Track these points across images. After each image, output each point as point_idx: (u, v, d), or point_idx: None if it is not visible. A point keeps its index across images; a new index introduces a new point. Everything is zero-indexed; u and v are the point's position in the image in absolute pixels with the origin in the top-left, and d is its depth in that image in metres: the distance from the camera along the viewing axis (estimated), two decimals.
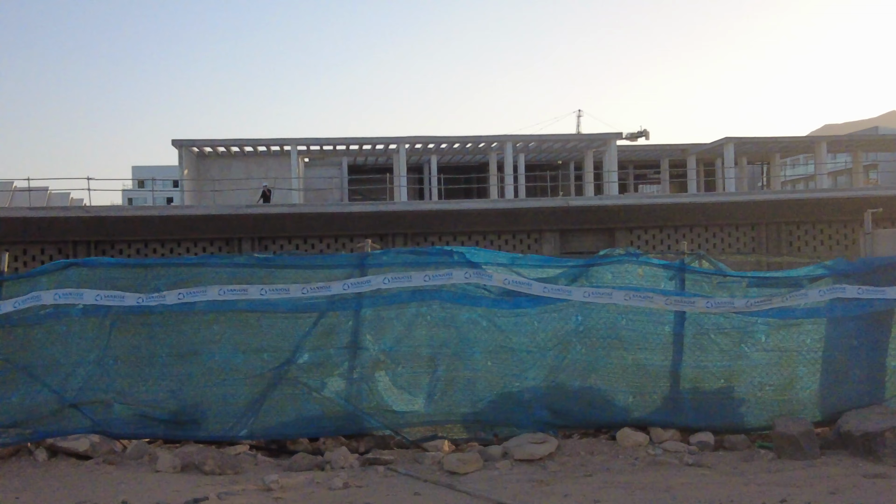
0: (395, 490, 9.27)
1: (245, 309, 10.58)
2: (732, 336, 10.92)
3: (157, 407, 10.53)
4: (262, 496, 9.01)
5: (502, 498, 8.86)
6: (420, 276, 10.63)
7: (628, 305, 10.80)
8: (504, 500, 8.81)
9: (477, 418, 10.74)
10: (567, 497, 8.97)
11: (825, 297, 10.90)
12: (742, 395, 10.85)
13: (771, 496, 8.81)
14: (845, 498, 8.71)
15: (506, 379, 10.79)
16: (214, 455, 9.96)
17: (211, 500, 8.79)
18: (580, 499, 8.92)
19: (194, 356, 10.61)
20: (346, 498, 9.09)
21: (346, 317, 10.74)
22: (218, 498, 8.86)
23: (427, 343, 10.79)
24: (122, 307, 10.48)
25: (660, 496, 8.94)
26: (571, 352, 10.86)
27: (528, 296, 10.75)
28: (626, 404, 10.86)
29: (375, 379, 10.71)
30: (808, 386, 10.91)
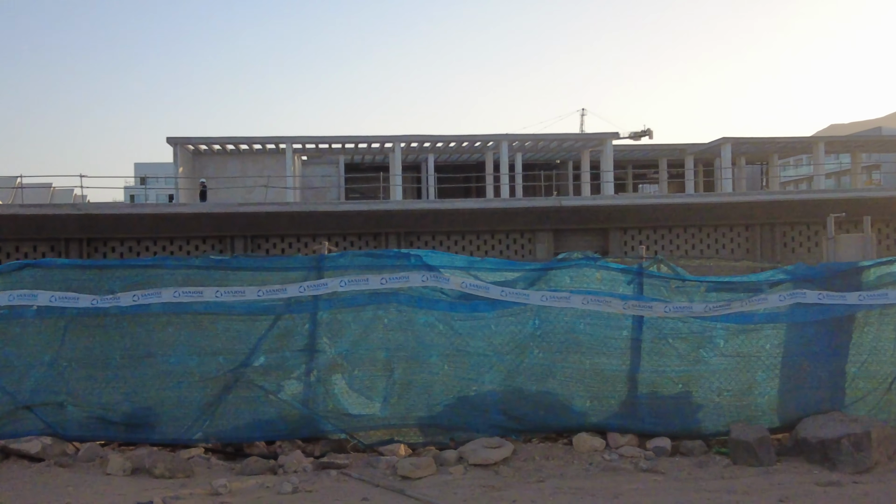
0: (344, 495, 9.22)
1: (200, 311, 10.54)
2: (691, 341, 10.84)
3: (111, 409, 10.47)
4: (209, 500, 8.97)
5: None
6: (377, 279, 10.58)
7: (586, 309, 10.75)
8: None
9: (433, 422, 10.67)
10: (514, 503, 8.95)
11: (785, 302, 10.84)
12: (700, 401, 10.79)
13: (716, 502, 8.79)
14: None
15: (462, 383, 10.74)
16: (165, 458, 9.92)
17: None
18: None
19: (149, 358, 10.54)
20: (293, 501, 9.07)
21: (302, 319, 10.69)
22: (163, 502, 8.82)
23: (384, 346, 10.72)
24: (77, 309, 10.44)
25: (609, 503, 8.91)
26: (529, 356, 10.78)
27: (485, 299, 10.71)
28: (583, 409, 10.79)
29: (332, 382, 10.67)
30: (767, 392, 10.85)
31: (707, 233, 40.21)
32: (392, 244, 38.82)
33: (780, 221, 38.01)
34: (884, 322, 10.80)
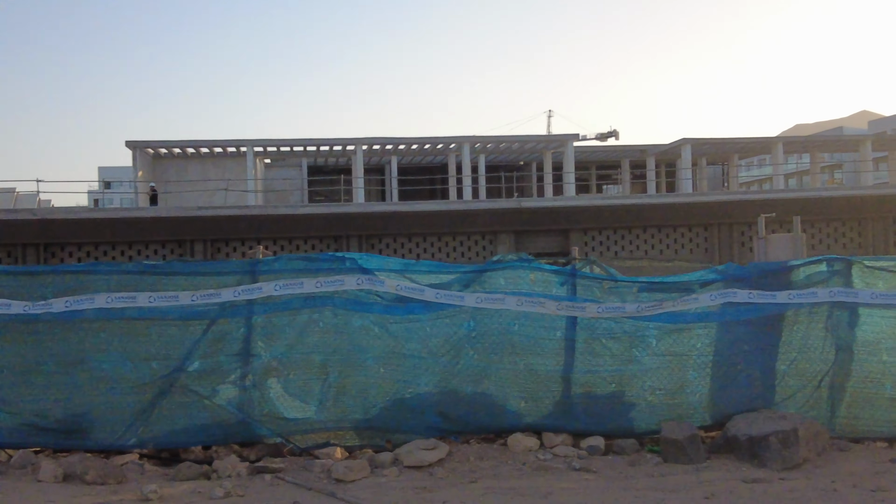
0: (276, 499, 9.22)
1: (134, 317, 10.44)
2: (623, 341, 10.91)
3: (44, 416, 10.40)
4: None
5: None
6: (312, 283, 10.57)
7: (520, 311, 10.78)
8: None
9: (370, 425, 10.67)
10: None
11: (716, 302, 10.95)
12: (633, 400, 10.87)
13: (646, 502, 8.88)
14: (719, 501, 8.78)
15: (398, 385, 10.74)
16: (97, 465, 9.88)
17: None
18: None
19: (82, 364, 10.45)
20: None
21: (237, 324, 10.64)
22: None
23: (319, 350, 10.69)
24: (8, 315, 10.33)
25: (538, 502, 8.98)
26: (464, 357, 10.81)
27: (420, 302, 10.73)
28: (518, 409, 10.84)
29: (267, 386, 10.63)
30: (699, 390, 10.95)
31: (667, 233, 40.46)
32: (354, 247, 38.81)
33: (738, 221, 38.31)
34: (813, 320, 10.93)
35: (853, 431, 10.79)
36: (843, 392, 10.85)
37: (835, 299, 10.89)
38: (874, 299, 10.86)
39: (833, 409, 10.83)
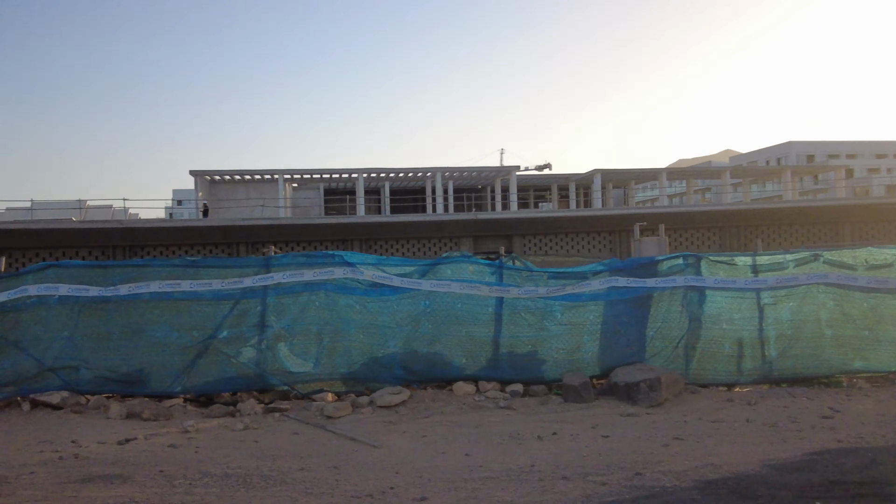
0: (281, 431, 9.21)
1: (179, 298, 10.42)
2: (537, 314, 10.90)
3: (113, 370, 10.33)
4: (179, 436, 8.90)
5: (356, 435, 8.83)
6: (310, 273, 10.54)
7: (462, 293, 10.77)
8: (357, 436, 8.78)
9: (353, 376, 10.61)
10: (404, 433, 8.97)
11: (604, 286, 10.95)
12: (543, 357, 10.83)
13: (548, 429, 8.89)
14: (600, 430, 8.80)
15: (373, 347, 10.69)
16: (151, 406, 9.85)
17: (139, 440, 8.68)
18: (413, 434, 8.93)
19: (140, 333, 10.41)
20: (243, 435, 9.02)
21: (255, 303, 10.58)
22: (145, 438, 8.75)
23: (315, 322, 10.64)
24: (87, 297, 10.31)
25: (471, 430, 8.97)
26: (421, 327, 10.78)
27: (390, 286, 10.69)
28: (461, 364, 10.80)
29: (277, 349, 10.57)
30: (590, 350, 10.91)
31: (582, 237, 40.79)
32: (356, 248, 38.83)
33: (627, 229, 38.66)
34: (672, 299, 10.95)
35: (701, 379, 10.79)
36: (694, 351, 10.85)
37: (688, 284, 10.90)
38: (716, 284, 10.91)
39: (687, 363, 10.82)
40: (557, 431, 8.73)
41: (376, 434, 8.94)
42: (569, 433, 8.67)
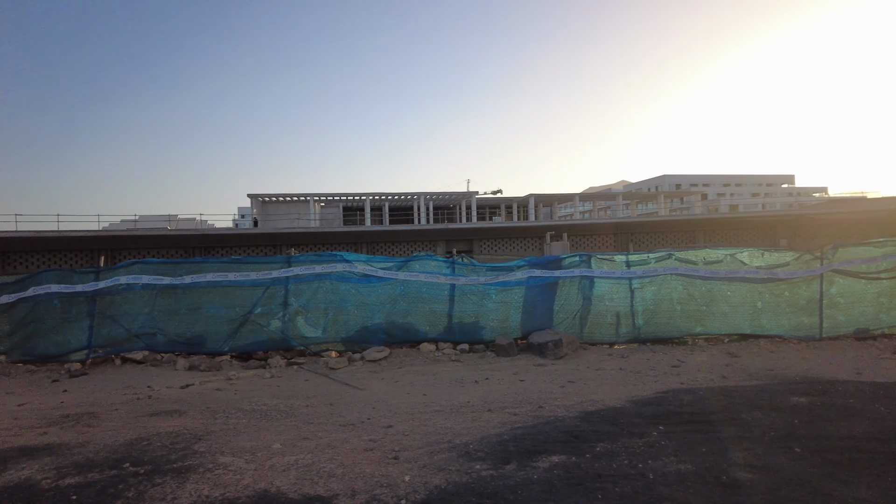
0: (297, 378, 9.07)
1: (227, 285, 10.24)
2: (479, 295, 10.81)
3: (180, 335, 10.15)
4: (224, 383, 8.75)
5: (349, 381, 8.72)
6: (319, 268, 10.41)
7: (427, 281, 10.68)
8: (349, 382, 8.68)
9: (350, 340, 10.49)
10: (383, 379, 8.87)
11: (525, 276, 10.90)
12: (483, 325, 10.74)
13: (483, 376, 8.81)
14: (519, 376, 8.74)
15: (364, 319, 10.55)
16: (206, 360, 9.72)
17: (195, 385, 8.53)
18: (389, 380, 8.82)
19: (200, 310, 10.22)
20: (269, 381, 8.86)
21: (280, 289, 10.42)
22: (199, 384, 8.60)
23: (323, 302, 10.49)
24: (162, 284, 10.12)
25: (430, 377, 8.88)
26: (398, 305, 10.66)
27: (376, 277, 10.59)
28: (425, 331, 10.67)
29: (296, 321, 10.41)
30: (516, 319, 10.86)
31: (519, 241, 40.66)
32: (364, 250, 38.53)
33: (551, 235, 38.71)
34: (572, 285, 10.89)
35: (592, 339, 10.79)
36: (586, 320, 10.84)
37: (583, 274, 10.89)
38: (602, 274, 10.90)
39: (582, 328, 10.80)
40: (489, 377, 8.67)
41: (363, 380, 8.84)
42: (497, 378, 8.62)
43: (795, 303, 10.58)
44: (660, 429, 5.90)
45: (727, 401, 6.92)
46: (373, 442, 5.91)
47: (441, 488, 4.65)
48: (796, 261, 10.62)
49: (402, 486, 4.71)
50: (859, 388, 7.35)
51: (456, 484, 4.71)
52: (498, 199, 66.54)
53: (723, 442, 5.48)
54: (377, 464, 5.25)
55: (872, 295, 10.63)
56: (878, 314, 10.62)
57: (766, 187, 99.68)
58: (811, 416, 6.19)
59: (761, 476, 4.63)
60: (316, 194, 52.37)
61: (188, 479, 4.91)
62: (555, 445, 5.49)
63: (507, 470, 4.94)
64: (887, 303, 10.63)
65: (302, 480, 4.93)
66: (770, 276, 10.51)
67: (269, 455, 5.56)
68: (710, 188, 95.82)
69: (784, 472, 4.69)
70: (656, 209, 67.05)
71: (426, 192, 56.78)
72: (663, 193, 62.64)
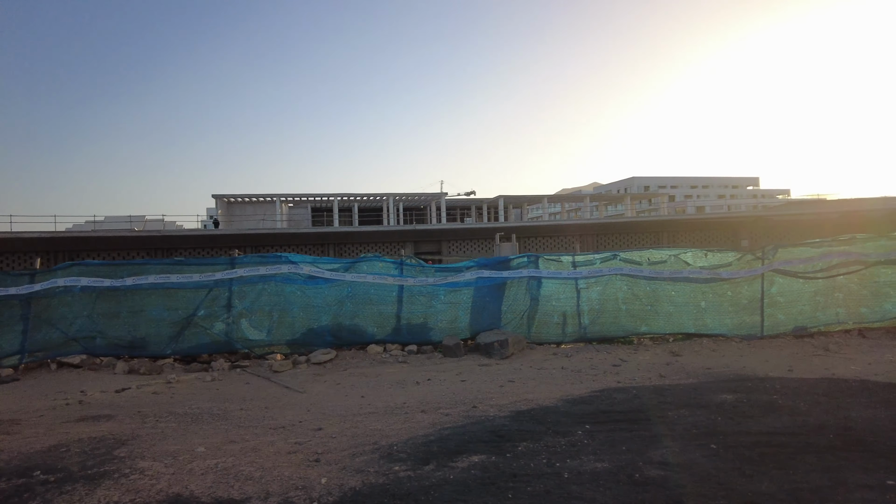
0: (238, 381, 8.95)
1: (169, 287, 10.05)
2: (427, 296, 10.78)
3: (121, 339, 9.93)
4: (163, 386, 8.59)
5: (290, 384, 8.63)
6: (264, 269, 10.27)
7: (375, 282, 10.62)
8: (290, 385, 8.58)
9: (295, 342, 10.37)
10: (325, 382, 8.79)
11: (473, 276, 10.91)
12: (432, 326, 10.71)
13: (426, 376, 8.80)
14: (462, 376, 8.74)
15: (310, 321, 10.43)
16: (147, 364, 9.51)
17: (132, 389, 8.35)
18: (331, 382, 8.75)
19: (142, 312, 10.01)
20: (210, 385, 8.73)
21: (224, 290, 10.26)
22: (137, 388, 8.42)
23: (268, 304, 10.34)
24: (102, 286, 9.88)
25: (372, 379, 8.84)
26: (345, 306, 10.54)
27: (323, 278, 10.48)
28: (373, 332, 10.62)
29: (240, 323, 10.26)
30: (464, 320, 10.82)
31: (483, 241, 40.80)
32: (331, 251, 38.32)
33: (522, 235, 38.86)
34: (519, 286, 10.94)
35: (539, 339, 10.84)
36: (534, 320, 10.90)
37: (530, 275, 10.95)
38: (549, 275, 10.98)
39: (529, 328, 10.85)
40: (432, 378, 8.67)
41: (305, 383, 8.76)
42: (439, 379, 8.62)
43: (738, 302, 10.81)
44: (586, 427, 5.97)
45: (658, 399, 7.03)
46: (298, 444, 5.86)
47: (356, 490, 4.63)
48: (738, 261, 10.85)
49: (318, 489, 4.69)
50: (786, 385, 7.54)
51: (371, 485, 4.70)
52: (469, 200, 66.79)
53: (644, 440, 5.56)
54: (297, 466, 5.21)
55: (810, 294, 10.92)
56: (815, 312, 10.91)
57: (732, 189, 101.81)
58: (734, 412, 6.33)
59: (672, 473, 4.71)
60: (283, 195, 51.85)
61: (100, 486, 4.81)
62: (478, 445, 5.51)
63: (426, 471, 4.95)
64: (823, 301, 10.93)
65: (218, 484, 4.87)
66: (713, 276, 10.72)
67: (190, 459, 5.48)
68: (677, 190, 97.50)
69: (695, 469, 4.78)
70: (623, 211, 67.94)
71: (395, 194, 56.68)
72: (630, 195, 63.53)
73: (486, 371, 9.05)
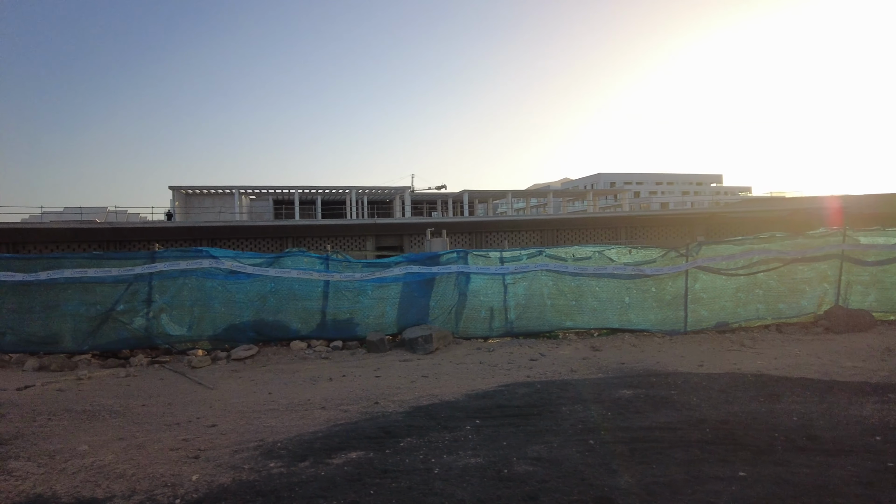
0: (152, 377, 8.79)
1: (86, 281, 9.82)
2: (354, 292, 10.74)
3: (34, 335, 9.67)
4: (71, 383, 8.39)
5: (203, 380, 8.53)
6: (184, 263, 10.11)
7: (299, 277, 10.53)
8: (203, 381, 8.48)
9: (217, 338, 10.24)
10: (241, 378, 8.70)
11: (402, 272, 10.92)
12: (358, 322, 10.68)
13: (342, 373, 8.78)
14: (379, 372, 8.74)
15: (232, 317, 10.28)
16: (59, 360, 9.30)
17: (36, 387, 8.12)
18: (246, 379, 8.66)
19: (57, 307, 9.75)
20: (122, 381, 8.57)
21: (144, 285, 10.07)
22: (42, 385, 8.20)
23: (189, 299, 10.19)
24: (15, 281, 9.61)
25: (288, 375, 8.77)
26: (268, 302, 10.40)
27: (245, 273, 10.36)
28: (297, 328, 10.53)
29: (161, 318, 10.08)
30: (392, 315, 10.81)
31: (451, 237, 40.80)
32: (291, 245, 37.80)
33: (486, 231, 38.89)
34: (448, 280, 10.98)
35: (466, 334, 10.91)
36: (461, 315, 10.94)
37: (459, 270, 11.00)
38: (477, 270, 11.04)
39: (457, 323, 10.91)
40: (347, 374, 8.65)
41: (220, 380, 8.67)
42: (355, 375, 8.61)
43: (662, 298, 11.04)
44: (476, 423, 6.04)
45: (559, 394, 7.15)
46: (185, 441, 5.81)
47: (223, 487, 4.62)
48: (662, 258, 11.08)
49: (186, 486, 4.66)
50: (689, 380, 7.74)
51: (240, 482, 4.69)
52: (435, 194, 66.77)
53: (528, 435, 5.66)
54: (174, 463, 5.17)
55: (732, 290, 11.22)
56: (737, 308, 11.22)
57: (697, 186, 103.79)
58: (626, 408, 6.47)
59: (541, 469, 4.80)
60: (242, 187, 51.11)
61: None
62: (362, 442, 5.54)
63: (300, 467, 4.96)
64: (745, 298, 11.23)
65: (86, 483, 4.80)
66: (637, 272, 10.93)
67: (68, 458, 5.39)
68: (643, 186, 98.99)
69: (564, 465, 4.88)
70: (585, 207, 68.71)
71: (358, 187, 56.37)
72: (593, 191, 64.30)
73: (405, 366, 9.08)
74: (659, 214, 43.01)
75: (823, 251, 11.47)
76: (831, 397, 6.78)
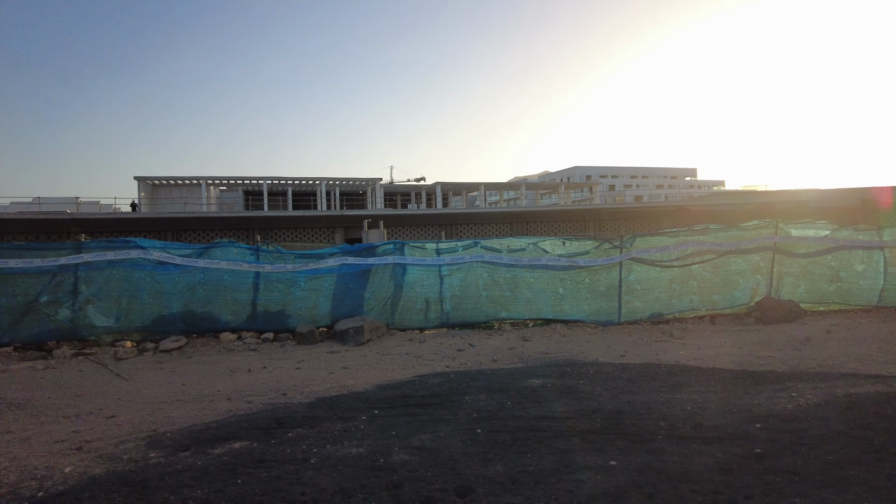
0: (72, 369, 8.67)
1: (7, 272, 9.60)
2: (286, 283, 10.67)
3: None
4: None
5: (121, 372, 8.43)
6: (112, 254, 9.95)
7: (229, 268, 10.43)
8: (121, 373, 8.38)
9: (146, 329, 10.11)
10: (162, 370, 8.62)
11: (337, 263, 10.88)
12: (290, 313, 10.62)
13: (263, 364, 8.68)
14: (301, 364, 8.69)
15: (161, 308, 10.16)
16: None
17: None
18: (167, 370, 8.59)
19: None
20: (38, 374, 8.42)
21: (69, 276, 9.87)
22: None
23: (116, 290, 10.03)
24: None
25: (210, 367, 8.70)
26: (197, 293, 10.30)
27: (173, 264, 10.23)
28: (227, 320, 10.43)
29: (87, 309, 9.91)
30: (325, 307, 10.76)
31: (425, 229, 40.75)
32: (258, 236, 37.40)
33: (457, 223, 38.97)
34: (384, 272, 10.98)
35: (402, 325, 10.93)
36: (397, 307, 10.97)
37: (396, 262, 11.01)
38: (413, 261, 11.05)
39: (393, 315, 10.92)
40: (268, 366, 8.61)
41: (140, 371, 8.58)
42: (276, 367, 8.57)
43: (596, 289, 11.16)
44: (374, 413, 6.07)
45: (468, 384, 7.20)
46: (75, 433, 5.75)
47: (94, 478, 4.59)
48: (596, 249, 11.20)
49: (55, 478, 4.62)
50: (602, 370, 7.85)
51: (114, 473, 4.66)
52: (409, 186, 66.60)
53: (420, 424, 5.70)
54: (53, 455, 5.12)
55: (666, 282, 11.38)
56: (671, 300, 11.39)
57: (671, 179, 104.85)
58: (527, 397, 6.55)
59: (417, 458, 4.84)
60: (210, 177, 50.52)
61: None
62: (251, 432, 5.54)
63: (179, 457, 4.94)
64: (679, 289, 11.41)
65: None
66: (570, 263, 11.03)
67: None
68: (618, 179, 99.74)
69: (442, 454, 4.92)
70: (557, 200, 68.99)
71: (329, 178, 56.04)
72: (565, 185, 64.61)
73: (330, 358, 9.07)
74: (626, 207, 43.44)
75: (756, 243, 11.69)
76: (732, 387, 6.92)
